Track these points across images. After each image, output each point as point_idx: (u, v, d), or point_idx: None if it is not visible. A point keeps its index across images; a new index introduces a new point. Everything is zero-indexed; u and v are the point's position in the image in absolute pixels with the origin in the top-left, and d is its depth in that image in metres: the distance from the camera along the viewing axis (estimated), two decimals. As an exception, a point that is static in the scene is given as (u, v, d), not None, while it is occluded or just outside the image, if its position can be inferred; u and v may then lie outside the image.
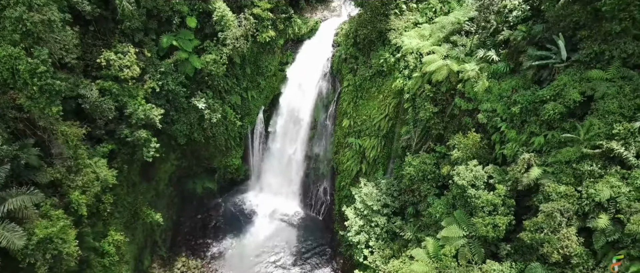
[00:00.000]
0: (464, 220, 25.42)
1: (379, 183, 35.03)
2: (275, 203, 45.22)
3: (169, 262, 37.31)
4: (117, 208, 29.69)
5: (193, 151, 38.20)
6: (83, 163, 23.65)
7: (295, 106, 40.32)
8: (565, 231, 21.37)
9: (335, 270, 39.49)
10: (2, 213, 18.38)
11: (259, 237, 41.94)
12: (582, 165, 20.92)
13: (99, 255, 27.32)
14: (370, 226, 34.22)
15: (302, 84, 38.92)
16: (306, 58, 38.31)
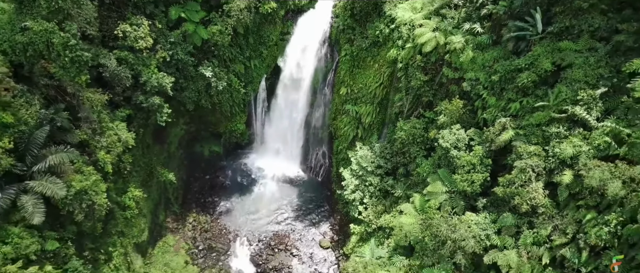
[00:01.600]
0: (446, 178, 28.56)
1: (374, 147, 37.94)
2: (277, 166, 48.40)
3: (181, 217, 40.94)
4: (135, 167, 32.67)
5: (200, 117, 40.82)
6: (106, 126, 26.37)
7: (295, 75, 42.53)
8: (533, 185, 24.51)
9: (333, 225, 43.24)
10: (44, 168, 21.27)
11: (262, 196, 45.44)
12: (550, 128, 23.71)
13: (121, 208, 30.62)
14: (364, 185, 37.50)
15: (302, 54, 40.96)
16: (306, 28, 40.12)
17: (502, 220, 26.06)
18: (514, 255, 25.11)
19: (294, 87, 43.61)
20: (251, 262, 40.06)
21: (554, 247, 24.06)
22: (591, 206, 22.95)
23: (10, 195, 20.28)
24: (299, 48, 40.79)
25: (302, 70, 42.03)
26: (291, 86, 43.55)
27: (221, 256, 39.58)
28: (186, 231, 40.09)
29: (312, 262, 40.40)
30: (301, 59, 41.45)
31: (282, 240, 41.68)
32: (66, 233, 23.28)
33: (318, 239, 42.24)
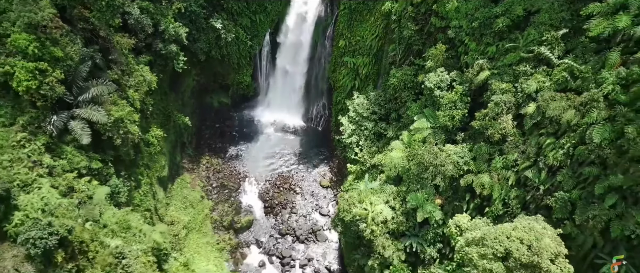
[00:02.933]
0: (431, 115, 32.60)
1: (369, 95, 41.74)
2: (281, 117, 52.41)
3: (196, 159, 45.39)
4: (155, 110, 36.61)
5: (210, 68, 44.32)
6: (133, 67, 30.03)
7: (297, 30, 45.62)
8: (504, 117, 28.58)
9: (332, 168, 47.80)
10: (88, 98, 25.15)
11: (267, 144, 49.76)
12: (519, 67, 27.46)
13: (146, 145, 34.81)
14: (360, 129, 41.67)
15: (304, 9, 43.87)
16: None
17: (477, 149, 30.34)
18: (486, 177, 29.59)
19: (296, 42, 46.78)
20: (259, 198, 44.91)
21: (520, 170, 28.43)
22: (550, 133, 27.12)
23: (63, 119, 24.27)
24: (301, 3, 43.63)
25: (303, 25, 45.08)
26: (293, 40, 46.70)
27: (232, 193, 44.36)
28: (200, 171, 44.67)
29: (313, 198, 45.25)
30: (302, 14, 44.39)
31: (286, 180, 46.36)
32: (106, 157, 27.51)
33: (318, 179, 46.93)
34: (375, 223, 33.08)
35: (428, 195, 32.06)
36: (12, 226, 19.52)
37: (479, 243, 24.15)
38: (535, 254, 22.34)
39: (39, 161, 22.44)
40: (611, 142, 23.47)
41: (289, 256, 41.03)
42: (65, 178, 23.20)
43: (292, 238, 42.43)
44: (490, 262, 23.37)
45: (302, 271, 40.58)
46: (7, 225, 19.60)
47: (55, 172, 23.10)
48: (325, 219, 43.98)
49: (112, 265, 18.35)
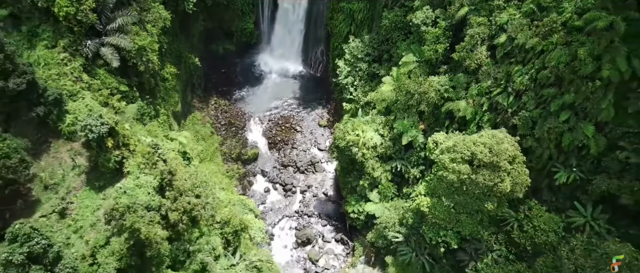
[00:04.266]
0: (417, 50, 36.36)
1: (364, 39, 45.20)
2: (282, 63, 55.96)
3: (204, 99, 49.50)
4: (168, 49, 40.28)
5: (216, 14, 47.44)
6: (150, 4, 33.44)
7: (297, -23, 48.26)
8: (479, 49, 32.39)
9: (329, 110, 52.02)
10: (115, 27, 28.86)
11: (270, 88, 53.66)
12: (493, 1, 30.90)
13: (162, 80, 38.77)
14: (355, 71, 45.47)
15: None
16: None
17: (456, 78, 34.37)
18: (463, 103, 33.83)
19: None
20: (263, 135, 49.45)
21: (492, 96, 32.59)
22: (519, 61, 31.06)
23: (95, 44, 28.13)
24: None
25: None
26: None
27: (239, 130, 48.82)
28: (209, 111, 48.91)
29: (312, 136, 49.77)
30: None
31: (287, 120, 50.71)
32: (131, 82, 31.55)
33: (317, 120, 51.26)
34: (366, 148, 37.69)
35: (413, 122, 36.45)
36: (65, 125, 23.89)
37: (450, 150, 28.67)
38: (495, 155, 26.91)
39: (80, 77, 26.53)
40: (567, 64, 27.42)
41: (291, 183, 46.06)
42: (101, 94, 27.37)
43: (293, 169, 47.29)
44: (459, 165, 28.01)
45: (303, 196, 45.73)
46: (61, 124, 23.96)
47: (93, 88, 27.23)
48: (323, 154, 48.69)
49: (150, 153, 22.72)
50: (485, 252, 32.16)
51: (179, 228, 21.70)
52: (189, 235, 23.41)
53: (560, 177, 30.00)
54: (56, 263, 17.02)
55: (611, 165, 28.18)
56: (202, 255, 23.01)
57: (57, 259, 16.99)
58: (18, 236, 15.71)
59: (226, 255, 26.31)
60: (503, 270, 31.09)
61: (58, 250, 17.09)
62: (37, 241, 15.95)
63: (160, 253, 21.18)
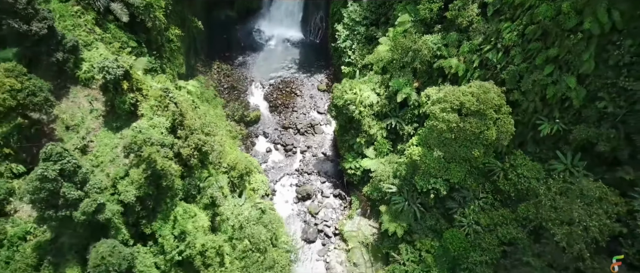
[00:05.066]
0: (413, 10, 37.81)
1: (362, 2, 46.42)
2: (282, 30, 57.21)
3: (207, 63, 51.11)
4: (173, 12, 41.61)
5: (218, -21, 48.55)
6: (155, -36, 34.67)
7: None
8: (471, 6, 33.87)
9: (328, 75, 53.69)
10: (124, -17, 30.30)
11: (270, 54, 55.15)
12: (485, -40, 32.23)
13: (167, 41, 40.28)
14: (353, 34, 46.93)
15: None
16: None
17: (449, 37, 35.96)
18: (455, 60, 35.54)
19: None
20: (264, 99, 51.31)
21: (482, 53, 34.27)
22: (508, 18, 32.59)
23: (105, 1, 29.62)
24: None
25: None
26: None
27: (241, 94, 50.64)
28: (212, 75, 50.60)
29: (311, 100, 51.63)
30: None
31: (287, 84, 52.45)
32: (140, 39, 33.18)
33: (316, 84, 53.00)
34: (363, 106, 39.63)
35: (407, 80, 38.24)
36: (82, 72, 25.73)
37: (441, 100, 30.60)
38: (481, 103, 28.87)
39: (93, 29, 28.18)
40: (552, 18, 29.00)
41: (291, 144, 48.23)
42: (113, 46, 29.09)
43: (294, 130, 49.37)
44: (448, 114, 30.01)
45: (303, 156, 47.99)
46: (78, 71, 25.80)
47: (105, 41, 28.93)
48: (322, 116, 50.67)
49: (162, 97, 24.61)
50: (472, 200, 34.57)
51: (190, 162, 23.84)
52: (199, 173, 25.62)
53: (544, 129, 32.06)
54: (84, 183, 19.14)
55: (590, 115, 30.18)
56: (211, 190, 25.25)
57: (84, 180, 19.11)
58: (51, 155, 17.76)
59: (233, 197, 28.61)
60: (488, 215, 33.58)
61: (85, 171, 19.19)
62: (67, 160, 18.02)
63: (174, 186, 23.39)
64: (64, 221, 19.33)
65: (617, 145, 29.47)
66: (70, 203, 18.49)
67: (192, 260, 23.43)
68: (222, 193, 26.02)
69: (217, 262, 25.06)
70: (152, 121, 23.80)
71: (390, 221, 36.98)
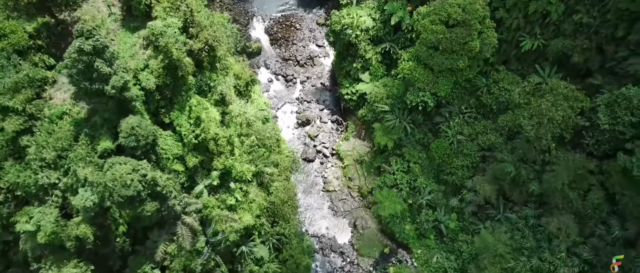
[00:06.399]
0: None
1: None
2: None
3: (210, -3, 52.71)
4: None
5: None
6: None
7: None
8: None
9: (327, 10, 55.28)
10: None
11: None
12: None
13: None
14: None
15: None
16: None
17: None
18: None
19: None
20: (265, 33, 53.42)
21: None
22: (497, -62, 34.28)
23: None
24: None
25: None
26: None
27: (242, 27, 52.64)
28: (215, 8, 52.34)
29: (310, 33, 53.75)
30: None
31: (288, 19, 54.34)
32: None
33: (315, 18, 54.87)
34: (359, 30, 41.96)
35: (401, 4, 40.36)
36: (99, -22, 27.89)
37: (430, 13, 33.04)
38: (467, 14, 31.37)
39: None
40: None
41: (292, 75, 50.91)
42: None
43: (294, 62, 51.88)
44: (436, 26, 32.57)
45: (302, 86, 50.82)
46: (95, -23, 27.98)
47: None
48: (321, 49, 52.98)
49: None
50: (457, 114, 37.86)
51: (201, 57, 26.63)
52: (209, 74, 28.53)
53: (525, 44, 34.81)
54: (112, 61, 21.97)
55: (567, 28, 32.85)
56: (221, 87, 28.23)
57: (112, 58, 21.91)
58: (84, 32, 20.44)
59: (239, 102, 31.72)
60: (471, 127, 37.03)
61: (113, 51, 21.96)
62: (97, 38, 20.73)
63: (188, 80, 26.34)
64: (97, 96, 22.40)
65: (589, 56, 32.40)
66: (102, 77, 21.42)
67: (207, 144, 26.83)
68: (230, 91, 29.05)
69: (228, 150, 28.52)
70: (165, 21, 26.30)
71: (382, 136, 40.43)
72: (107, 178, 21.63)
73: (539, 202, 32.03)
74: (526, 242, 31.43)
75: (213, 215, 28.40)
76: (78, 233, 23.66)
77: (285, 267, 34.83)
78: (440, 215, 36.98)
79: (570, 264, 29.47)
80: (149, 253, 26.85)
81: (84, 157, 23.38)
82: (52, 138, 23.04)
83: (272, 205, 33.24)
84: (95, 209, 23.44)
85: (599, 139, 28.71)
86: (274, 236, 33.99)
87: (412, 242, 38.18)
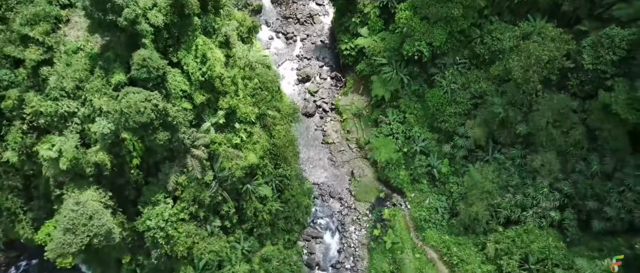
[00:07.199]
0: None
1: None
2: None
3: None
4: None
5: None
6: None
7: None
8: None
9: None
10: None
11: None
12: None
13: None
14: None
15: None
16: None
17: None
18: None
19: None
20: (266, -9, 54.21)
21: None
22: None
23: None
24: None
25: None
26: None
27: (243, -15, 53.36)
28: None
29: (311, -9, 54.57)
30: None
31: (288, -23, 54.96)
32: None
33: (315, -23, 55.52)
34: (358, -16, 42.96)
35: (400, -44, 41.20)
36: None
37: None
38: (462, -39, 32.44)
39: None
40: None
41: (292, 33, 52.09)
42: None
43: (294, 20, 52.95)
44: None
45: (302, 43, 52.11)
46: None
47: None
48: (320, 8, 53.91)
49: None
50: (451, 65, 39.38)
51: None
52: (213, 16, 29.91)
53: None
54: (125, -5, 23.45)
55: (559, -24, 33.93)
56: (225, 29, 29.67)
57: (125, -7, 23.38)
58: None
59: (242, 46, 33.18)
60: (464, 76, 38.63)
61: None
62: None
63: (194, 20, 27.76)
64: (110, 29, 23.95)
65: (579, 5, 33.67)
66: (115, 8, 22.90)
67: (213, 82, 28.52)
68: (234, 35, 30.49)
69: (233, 91, 30.24)
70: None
71: (379, 87, 42.14)
72: (123, 105, 23.43)
73: (525, 143, 34.04)
74: (512, 179, 33.65)
75: (220, 151, 30.40)
76: (97, 159, 25.69)
77: (287, 206, 37.22)
78: (433, 160, 39.09)
79: (552, 198, 31.77)
80: (161, 184, 29.01)
81: (100, 89, 25.14)
82: (71, 69, 24.72)
83: (274, 147, 35.24)
84: (111, 137, 25.37)
85: (583, 79, 30.40)
86: (276, 177, 36.14)
87: (406, 187, 40.50)
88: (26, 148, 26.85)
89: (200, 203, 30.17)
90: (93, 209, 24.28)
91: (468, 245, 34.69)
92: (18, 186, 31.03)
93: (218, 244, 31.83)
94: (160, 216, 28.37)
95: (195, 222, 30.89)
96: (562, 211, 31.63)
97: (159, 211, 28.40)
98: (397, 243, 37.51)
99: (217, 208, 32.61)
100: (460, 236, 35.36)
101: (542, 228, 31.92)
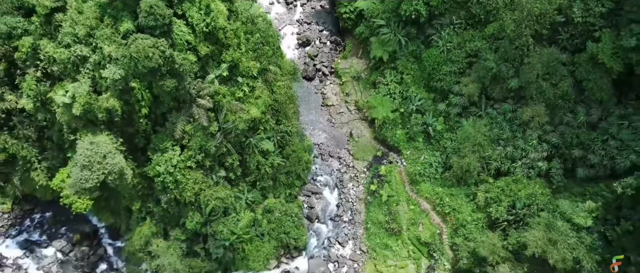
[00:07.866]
0: None
1: None
2: None
3: None
4: None
5: None
6: None
7: None
8: None
9: None
10: None
11: None
12: None
13: None
14: None
15: None
16: None
17: None
18: None
19: None
20: (266, -43, 54.47)
21: None
22: None
23: None
24: None
25: None
26: None
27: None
28: None
29: (311, -43, 54.78)
30: None
31: (288, -57, 55.08)
32: None
33: (315, -57, 55.65)
34: (358, -54, 43.47)
35: None
36: None
37: None
38: None
39: None
40: None
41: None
42: None
43: (294, -15, 53.54)
44: None
45: (303, 8, 52.84)
46: None
47: None
48: (321, -27, 54.34)
49: None
50: (448, 25, 40.35)
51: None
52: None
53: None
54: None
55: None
56: (227, -18, 30.73)
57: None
58: None
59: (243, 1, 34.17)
60: (460, 36, 39.66)
61: None
62: None
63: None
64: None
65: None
66: (124, -43, 24.03)
67: (216, 33, 29.73)
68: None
69: (235, 44, 31.47)
70: None
71: (378, 48, 43.22)
72: (132, 50, 24.77)
73: (516, 98, 35.44)
74: (503, 133, 35.22)
75: (223, 103, 31.86)
76: (108, 105, 27.19)
77: (288, 162, 38.93)
78: (428, 118, 40.56)
79: (540, 149, 33.40)
80: (169, 132, 30.60)
81: (109, 36, 26.39)
82: (82, 16, 25.91)
83: (276, 102, 36.67)
84: (121, 83, 26.80)
85: (573, 33, 31.56)
86: (278, 133, 37.70)
87: (402, 145, 42.12)
88: (41, 95, 28.26)
89: (206, 152, 31.77)
90: (107, 149, 25.92)
91: (460, 196, 36.55)
92: (32, 137, 32.64)
93: (223, 192, 33.65)
94: (169, 162, 30.03)
95: (201, 171, 32.61)
96: (549, 162, 33.30)
97: (167, 157, 30.04)
98: (393, 196, 39.41)
99: (222, 159, 34.30)
100: (453, 188, 37.17)
101: (530, 178, 33.65)
